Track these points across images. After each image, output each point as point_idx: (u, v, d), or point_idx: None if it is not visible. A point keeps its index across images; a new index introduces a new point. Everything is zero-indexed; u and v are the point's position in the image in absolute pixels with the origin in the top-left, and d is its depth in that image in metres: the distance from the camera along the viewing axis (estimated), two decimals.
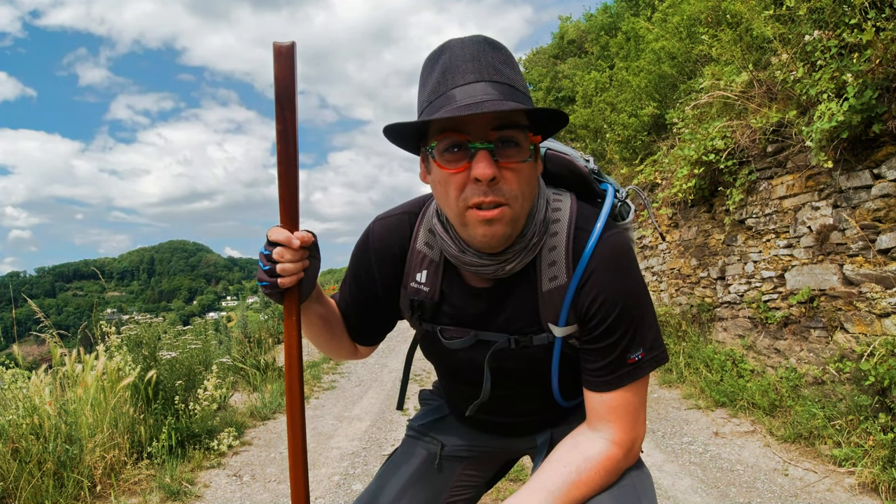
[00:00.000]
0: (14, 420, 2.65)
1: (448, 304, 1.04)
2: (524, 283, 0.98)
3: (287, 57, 0.85)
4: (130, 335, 3.68)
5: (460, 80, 0.82)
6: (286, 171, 0.90)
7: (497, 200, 0.83)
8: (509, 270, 0.94)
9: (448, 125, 0.83)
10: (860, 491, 2.71)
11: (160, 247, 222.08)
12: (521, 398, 1.12)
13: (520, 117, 0.84)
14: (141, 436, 3.29)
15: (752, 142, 4.19)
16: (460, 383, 1.14)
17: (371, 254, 1.09)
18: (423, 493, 1.20)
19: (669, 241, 6.07)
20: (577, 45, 14.55)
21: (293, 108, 0.87)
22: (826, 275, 3.55)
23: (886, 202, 3.07)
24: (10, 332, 3.46)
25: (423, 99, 0.88)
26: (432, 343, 1.10)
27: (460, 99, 0.81)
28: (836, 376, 3.31)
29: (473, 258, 0.93)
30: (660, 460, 3.29)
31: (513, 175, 0.84)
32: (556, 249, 0.96)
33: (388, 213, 1.11)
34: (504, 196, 0.83)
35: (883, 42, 2.83)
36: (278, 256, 0.89)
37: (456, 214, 0.87)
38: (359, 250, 1.11)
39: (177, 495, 2.89)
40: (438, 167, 0.86)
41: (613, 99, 8.36)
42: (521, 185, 0.85)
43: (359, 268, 1.11)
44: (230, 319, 14.97)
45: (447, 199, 0.87)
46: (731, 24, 5.00)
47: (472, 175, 0.82)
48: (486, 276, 0.97)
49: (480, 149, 0.82)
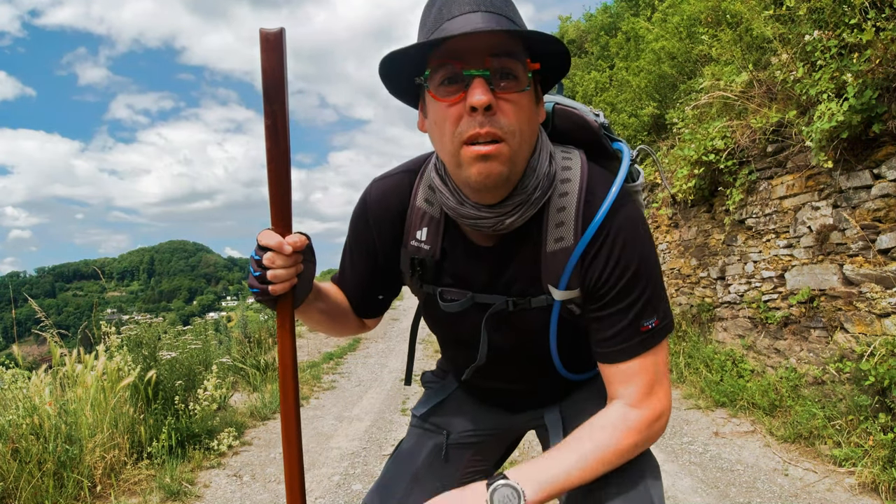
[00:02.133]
0: (14, 420, 2.65)
1: (449, 263, 1.00)
2: (528, 243, 0.94)
3: (275, 45, 0.79)
4: (130, 335, 3.68)
5: (456, 11, 0.80)
6: (276, 169, 0.85)
7: (493, 132, 0.79)
8: (510, 225, 0.90)
9: (443, 54, 0.80)
10: (860, 491, 2.71)
11: (160, 247, 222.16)
12: (521, 365, 1.09)
13: (517, 47, 0.81)
14: (141, 436, 3.29)
15: (752, 142, 4.19)
16: (461, 350, 1.10)
17: (369, 218, 1.05)
18: (431, 485, 1.17)
19: (669, 242, 6.07)
20: (577, 45, 14.55)
21: (283, 101, 0.82)
22: (826, 275, 3.55)
23: (886, 202, 3.07)
24: (9, 332, 3.47)
25: (420, 38, 0.86)
26: (433, 308, 1.06)
27: (456, 28, 0.78)
28: (836, 376, 3.31)
29: (472, 210, 0.89)
30: (660, 460, 3.28)
31: (510, 107, 0.80)
32: (564, 210, 0.92)
33: (387, 173, 1.08)
34: (501, 129, 0.79)
35: (883, 42, 2.83)
36: (269, 262, 0.85)
37: (451, 154, 0.83)
38: (356, 216, 1.08)
39: (177, 495, 2.89)
40: (433, 98, 0.82)
41: (613, 99, 8.36)
42: (520, 120, 0.81)
43: (357, 237, 1.08)
44: (230, 319, 14.96)
45: (443, 139, 0.83)
46: (731, 24, 5.00)
47: (467, 104, 0.78)
48: (486, 231, 0.92)
49: (476, 76, 0.78)
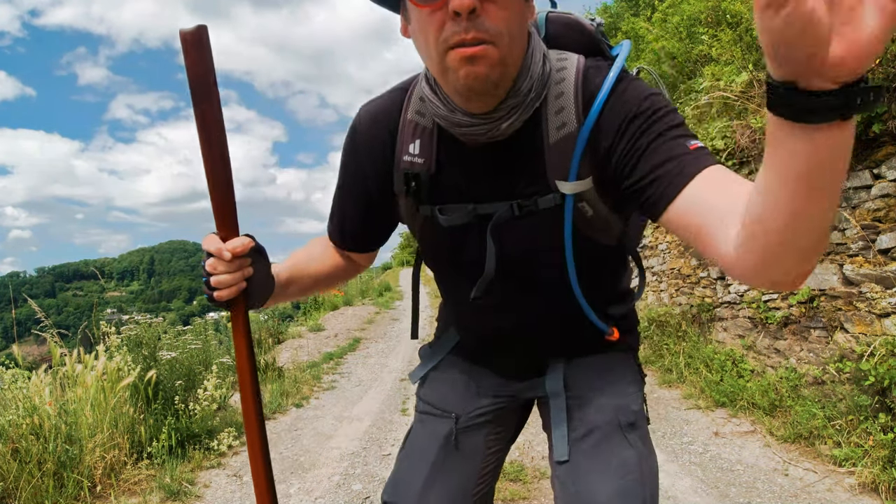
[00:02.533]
0: (14, 420, 2.65)
1: (446, 175, 0.93)
2: (528, 141, 0.88)
3: (196, 44, 0.76)
4: (130, 335, 3.68)
5: None
6: (213, 171, 0.82)
7: (479, 36, 0.74)
8: (506, 129, 0.85)
9: None
10: (860, 491, 2.71)
11: (160, 247, 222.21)
12: (532, 287, 0.99)
13: None
14: (141, 436, 3.29)
15: (753, 142, 4.19)
16: (464, 278, 0.98)
17: (359, 146, 0.99)
18: (452, 481, 1.07)
19: (669, 241, 6.07)
20: None
21: (212, 101, 0.79)
22: (826, 275, 3.55)
23: (886, 202, 3.07)
24: (9, 332, 3.47)
25: None
26: (431, 232, 0.98)
27: None
28: (836, 376, 3.31)
29: (464, 117, 0.84)
30: (660, 460, 3.28)
31: (496, 8, 0.74)
32: (563, 96, 0.86)
33: (376, 97, 1.01)
34: (487, 32, 0.74)
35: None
36: (211, 268, 0.84)
37: (437, 61, 0.78)
38: (347, 149, 1.02)
39: (177, 495, 2.89)
40: (413, 5, 0.77)
41: None
42: (508, 22, 0.76)
43: (348, 172, 1.02)
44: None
45: (427, 47, 0.79)
46: (731, 24, 5.00)
47: (450, 8, 0.72)
48: (481, 139, 0.87)
49: None
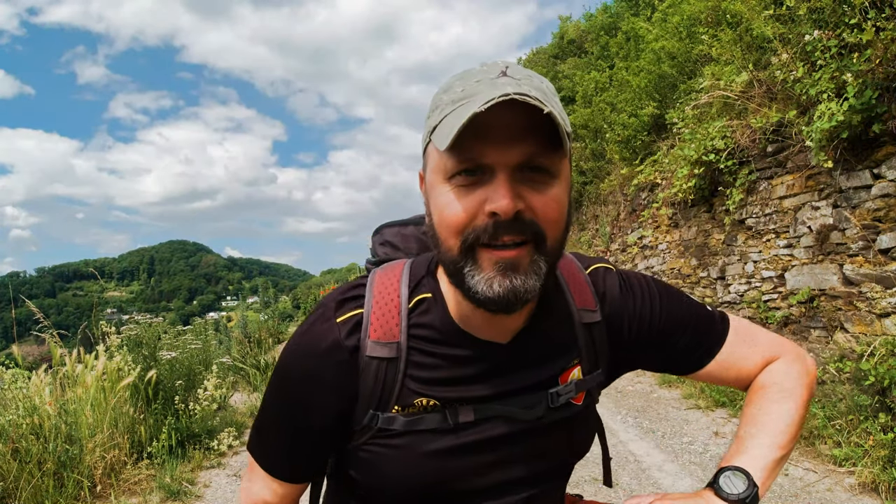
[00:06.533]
0: (14, 420, 2.65)
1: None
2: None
3: None
4: (130, 335, 3.68)
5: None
6: None
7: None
8: None
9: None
10: (860, 491, 2.71)
11: (160, 247, 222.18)
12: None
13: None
14: (141, 436, 3.29)
15: (752, 142, 4.19)
16: None
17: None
18: None
19: (669, 241, 6.07)
20: (577, 45, 14.55)
21: None
22: (826, 275, 3.55)
23: (886, 202, 3.07)
24: (9, 332, 3.46)
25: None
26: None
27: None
28: (836, 376, 3.31)
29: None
30: (660, 460, 3.29)
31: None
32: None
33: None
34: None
35: (883, 42, 2.83)
36: None
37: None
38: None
39: (177, 495, 2.89)
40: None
41: (613, 99, 8.37)
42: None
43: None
44: (230, 319, 14.98)
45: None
46: (731, 24, 5.00)
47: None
48: None
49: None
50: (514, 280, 0.64)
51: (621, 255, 7.95)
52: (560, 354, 0.81)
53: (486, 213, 0.63)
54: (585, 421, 0.85)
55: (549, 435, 0.80)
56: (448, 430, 0.75)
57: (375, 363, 0.74)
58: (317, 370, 0.75)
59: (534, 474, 0.81)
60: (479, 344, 0.76)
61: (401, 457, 0.76)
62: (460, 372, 0.76)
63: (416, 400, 0.75)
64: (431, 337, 0.76)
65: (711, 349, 0.85)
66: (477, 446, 0.76)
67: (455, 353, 0.76)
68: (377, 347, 0.74)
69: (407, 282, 0.79)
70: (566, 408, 0.80)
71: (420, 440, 0.75)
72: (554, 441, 0.81)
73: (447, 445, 0.75)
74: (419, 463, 0.75)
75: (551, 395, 0.78)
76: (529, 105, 0.59)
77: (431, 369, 0.75)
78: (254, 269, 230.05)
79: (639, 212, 7.15)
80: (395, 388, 0.75)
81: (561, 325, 0.81)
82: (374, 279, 0.80)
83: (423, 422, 0.75)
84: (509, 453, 0.78)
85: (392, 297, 0.78)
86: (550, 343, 0.80)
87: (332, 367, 0.74)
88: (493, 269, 0.64)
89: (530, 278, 0.65)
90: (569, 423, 0.81)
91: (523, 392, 0.78)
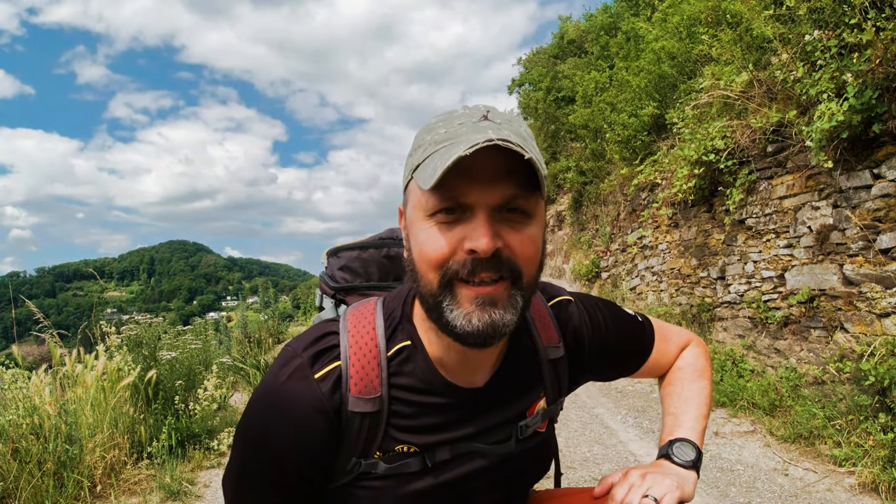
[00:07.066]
0: (14, 420, 2.65)
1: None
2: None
3: None
4: (130, 335, 3.68)
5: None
6: None
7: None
8: None
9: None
10: (860, 491, 2.71)
11: (160, 247, 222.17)
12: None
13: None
14: (141, 436, 3.29)
15: (752, 142, 4.19)
16: None
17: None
18: None
19: (669, 241, 6.07)
20: (577, 45, 14.56)
21: None
22: (826, 275, 3.55)
23: (886, 202, 3.07)
24: (9, 332, 3.46)
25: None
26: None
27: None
28: (836, 376, 3.31)
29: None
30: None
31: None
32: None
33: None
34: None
35: (883, 42, 2.83)
36: None
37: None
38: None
39: (177, 495, 2.89)
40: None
41: (613, 99, 8.37)
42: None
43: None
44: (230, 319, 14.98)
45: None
46: (731, 24, 5.00)
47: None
48: None
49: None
50: (493, 314, 0.67)
51: (621, 255, 7.95)
52: (528, 391, 0.86)
53: (465, 249, 0.65)
54: (547, 444, 0.93)
55: (518, 462, 0.86)
56: (427, 471, 0.79)
57: (359, 418, 0.75)
58: (299, 426, 0.75)
59: (506, 499, 0.88)
60: (458, 392, 0.79)
61: (382, 498, 0.78)
62: (439, 419, 0.79)
63: (396, 446, 0.77)
64: (413, 386, 0.78)
65: (647, 352, 1.01)
66: (454, 483, 0.81)
67: (435, 401, 0.78)
68: (359, 402, 0.75)
69: (383, 327, 0.80)
70: (533, 437, 0.87)
71: (400, 482, 0.78)
72: (522, 467, 0.88)
73: (426, 485, 0.79)
74: (398, 502, 0.79)
75: (520, 428, 0.84)
76: (510, 150, 0.62)
77: (412, 418, 0.78)
78: (254, 269, 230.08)
79: (639, 212, 7.15)
80: (378, 436, 0.77)
81: (529, 362, 0.86)
82: (347, 325, 0.80)
83: (404, 466, 0.78)
84: (481, 484, 0.84)
85: (370, 348, 0.77)
86: (519, 381, 0.84)
87: (317, 425, 0.75)
88: (471, 304, 0.66)
89: (508, 313, 0.67)
90: (534, 449, 0.88)
91: (495, 428, 0.82)
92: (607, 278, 8.62)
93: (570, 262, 11.17)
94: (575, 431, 3.90)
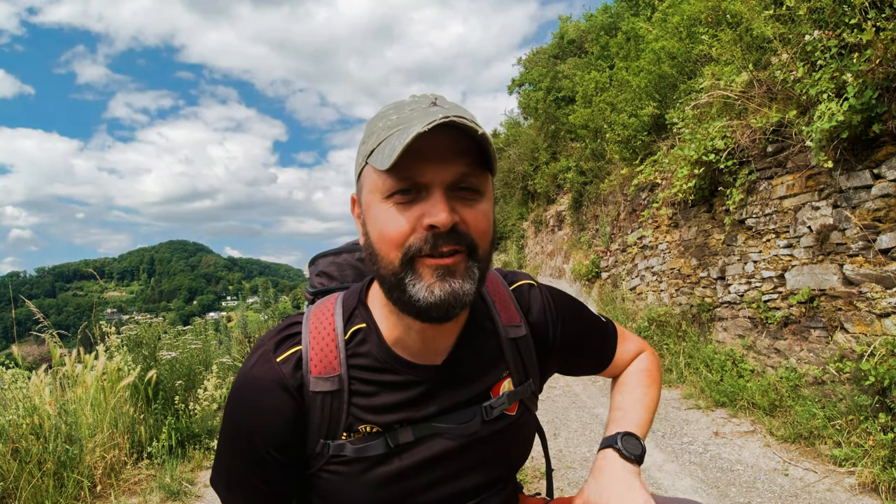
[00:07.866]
0: (14, 420, 2.65)
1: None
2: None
3: None
4: (130, 335, 3.68)
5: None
6: None
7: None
8: None
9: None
10: (860, 491, 2.71)
11: (160, 247, 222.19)
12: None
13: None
14: (141, 436, 3.29)
15: (752, 142, 4.19)
16: None
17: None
18: None
19: (669, 241, 6.07)
20: (577, 45, 14.56)
21: None
22: (826, 275, 3.55)
23: (886, 202, 3.07)
24: (9, 332, 3.46)
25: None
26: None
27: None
28: (836, 376, 3.31)
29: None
30: (660, 460, 3.29)
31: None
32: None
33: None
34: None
35: (883, 42, 2.83)
36: None
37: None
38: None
39: (177, 495, 2.89)
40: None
41: (613, 99, 8.36)
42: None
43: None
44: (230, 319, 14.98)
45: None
46: (731, 24, 5.00)
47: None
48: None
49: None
50: (453, 283, 0.70)
51: (621, 256, 7.94)
52: (490, 369, 0.87)
53: (424, 226, 0.69)
54: (521, 430, 0.92)
55: (486, 446, 0.86)
56: (392, 454, 0.80)
57: (320, 397, 0.79)
58: (266, 406, 0.78)
59: (476, 486, 0.87)
60: (414, 368, 0.81)
61: (353, 482, 0.80)
62: (398, 397, 0.81)
63: (360, 426, 0.80)
64: (370, 366, 0.81)
65: (612, 351, 1.05)
66: (420, 465, 0.82)
67: (392, 379, 0.81)
68: (320, 382, 0.79)
69: (341, 314, 0.84)
70: (501, 419, 0.87)
71: (368, 465, 0.81)
72: (492, 452, 0.87)
73: (392, 470, 0.81)
74: (369, 486, 0.80)
75: (485, 409, 0.85)
76: (461, 130, 0.66)
77: (371, 396, 0.80)
78: (254, 269, 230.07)
79: (639, 212, 7.14)
80: (342, 417, 0.79)
81: (488, 341, 0.88)
82: (310, 316, 0.85)
83: (369, 448, 0.80)
84: (452, 469, 0.84)
85: (328, 331, 0.82)
86: (480, 360, 0.87)
87: (281, 400, 0.78)
88: (432, 276, 0.70)
89: (466, 282, 0.71)
90: (504, 433, 0.88)
91: (458, 408, 0.84)
92: (607, 278, 8.62)
93: (570, 262, 11.17)
94: (575, 431, 3.90)
